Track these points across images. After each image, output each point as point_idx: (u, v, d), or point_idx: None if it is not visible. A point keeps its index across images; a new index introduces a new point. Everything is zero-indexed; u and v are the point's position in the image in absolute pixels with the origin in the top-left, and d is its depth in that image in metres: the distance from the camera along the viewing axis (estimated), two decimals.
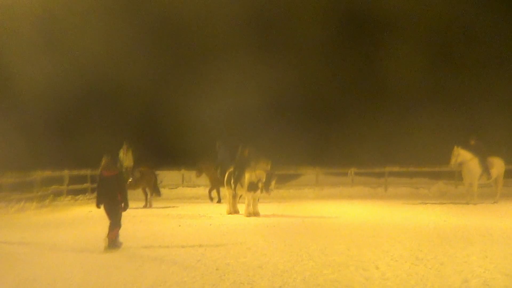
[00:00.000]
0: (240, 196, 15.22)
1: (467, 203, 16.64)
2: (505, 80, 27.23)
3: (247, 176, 14.35)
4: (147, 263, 7.97)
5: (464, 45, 29.21)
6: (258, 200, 14.86)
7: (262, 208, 14.72)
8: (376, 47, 29.55)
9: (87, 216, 14.98)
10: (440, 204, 16.91)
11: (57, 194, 19.62)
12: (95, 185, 21.69)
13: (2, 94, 24.09)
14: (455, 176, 21.08)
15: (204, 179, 23.27)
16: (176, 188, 22.25)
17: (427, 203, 17.45)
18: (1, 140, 18.47)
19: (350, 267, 7.48)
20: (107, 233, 9.22)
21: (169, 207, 17.27)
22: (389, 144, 26.37)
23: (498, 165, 17.11)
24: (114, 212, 9.39)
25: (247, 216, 14.08)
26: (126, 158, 17.14)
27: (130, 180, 16.97)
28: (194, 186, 22.34)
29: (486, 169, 16.80)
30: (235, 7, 26.87)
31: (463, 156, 16.71)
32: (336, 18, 27.64)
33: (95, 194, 20.97)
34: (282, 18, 30.50)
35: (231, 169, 15.23)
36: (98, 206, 9.61)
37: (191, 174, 23.28)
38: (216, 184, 19.13)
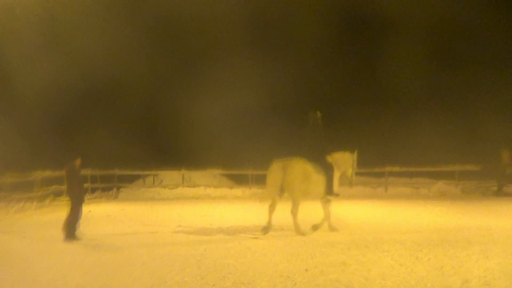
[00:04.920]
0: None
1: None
2: (505, 80, 27.24)
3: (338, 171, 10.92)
4: (147, 263, 7.96)
5: (464, 45, 29.22)
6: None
7: (262, 208, 14.68)
8: (375, 47, 29.56)
9: (86, 216, 14.97)
10: (440, 204, 16.92)
11: (57, 194, 19.62)
12: (95, 185, 21.86)
13: (2, 94, 24.09)
14: (455, 176, 21.12)
15: (205, 179, 23.31)
16: (176, 188, 22.26)
17: (427, 203, 17.46)
18: (1, 140, 18.48)
19: (350, 267, 7.48)
20: None
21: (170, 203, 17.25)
22: (389, 144, 26.39)
23: None
24: None
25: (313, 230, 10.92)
26: None
27: None
28: (194, 186, 22.35)
29: None
30: (235, 7, 26.87)
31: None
32: (336, 18, 27.64)
33: (95, 194, 20.97)
34: (282, 18, 30.53)
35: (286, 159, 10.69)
36: None
37: (191, 174, 23.32)
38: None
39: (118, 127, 26.47)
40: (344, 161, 11.15)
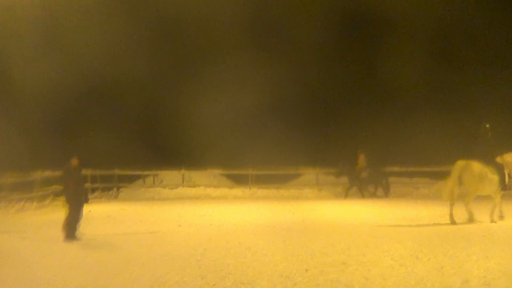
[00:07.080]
0: None
1: None
2: (506, 80, 27.22)
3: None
4: (147, 263, 7.96)
5: (464, 45, 29.21)
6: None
7: (261, 208, 14.71)
8: (375, 47, 29.55)
9: (86, 216, 14.96)
10: (440, 204, 16.90)
11: (57, 194, 19.60)
12: (95, 185, 21.86)
13: (2, 94, 24.09)
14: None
15: (205, 179, 23.30)
16: (176, 188, 22.27)
17: (427, 203, 17.45)
18: (1, 140, 18.48)
19: (350, 267, 7.47)
20: None
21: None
22: (389, 144, 26.37)
23: None
24: None
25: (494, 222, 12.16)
26: None
27: None
28: (194, 186, 22.36)
29: None
30: (234, 8, 26.86)
31: None
32: (336, 18, 27.65)
33: (95, 194, 20.96)
34: (282, 18, 30.52)
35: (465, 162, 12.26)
36: None
37: (191, 174, 23.33)
38: None
39: (118, 127, 26.45)
40: None
